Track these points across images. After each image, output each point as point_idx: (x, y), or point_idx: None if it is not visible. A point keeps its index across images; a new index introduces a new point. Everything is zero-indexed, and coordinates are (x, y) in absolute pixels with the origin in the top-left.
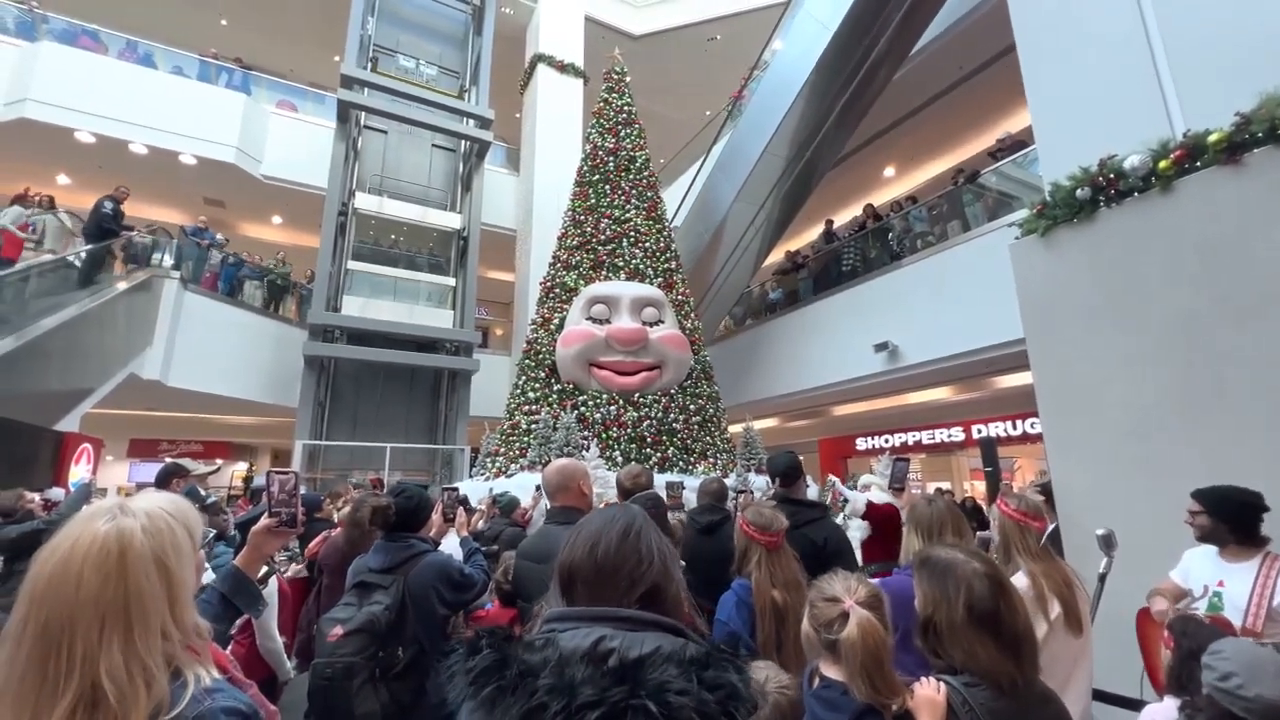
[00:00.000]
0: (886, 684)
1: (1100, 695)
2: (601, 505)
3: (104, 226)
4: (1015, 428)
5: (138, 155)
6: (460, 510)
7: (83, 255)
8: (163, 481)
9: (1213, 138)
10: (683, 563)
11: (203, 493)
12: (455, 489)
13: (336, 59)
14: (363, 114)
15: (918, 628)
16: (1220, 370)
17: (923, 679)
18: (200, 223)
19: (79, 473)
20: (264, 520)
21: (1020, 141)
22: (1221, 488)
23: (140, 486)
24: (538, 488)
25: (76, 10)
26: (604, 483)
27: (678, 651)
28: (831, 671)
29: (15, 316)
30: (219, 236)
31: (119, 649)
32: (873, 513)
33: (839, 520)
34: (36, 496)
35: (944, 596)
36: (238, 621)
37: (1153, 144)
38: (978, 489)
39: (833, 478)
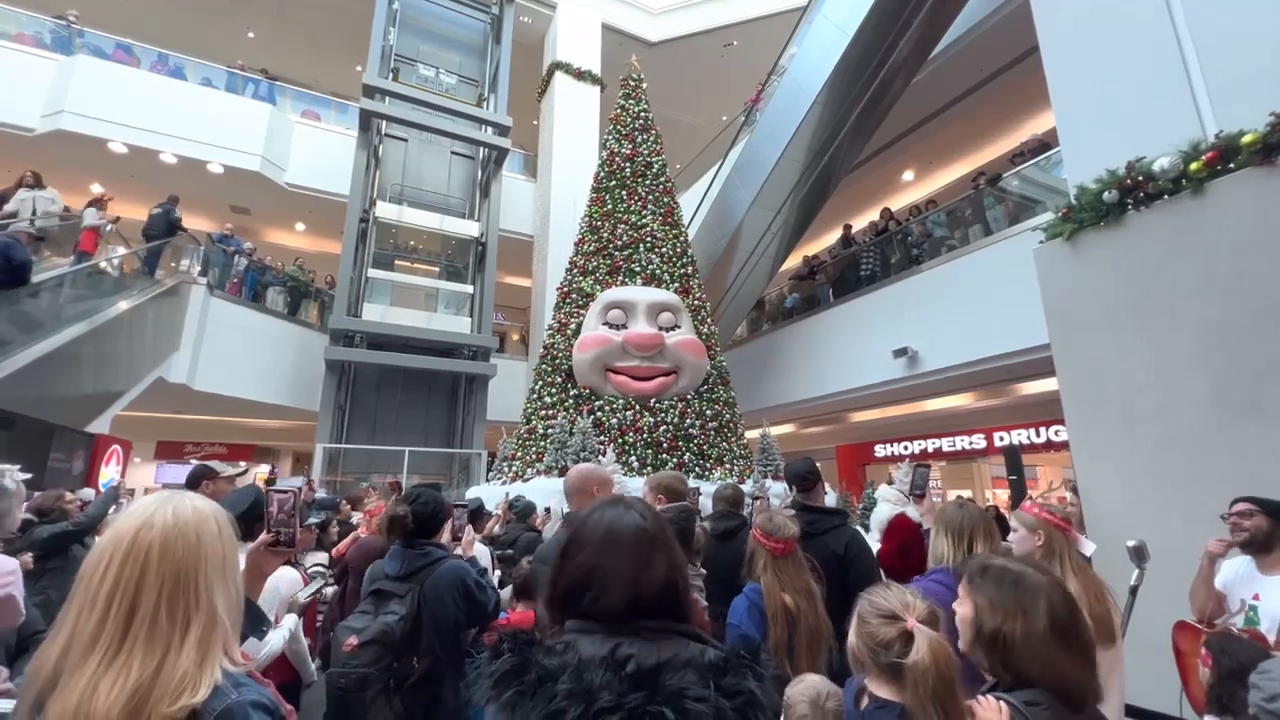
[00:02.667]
0: (958, 710)
1: (1132, 711)
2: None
3: (175, 226)
4: (1039, 435)
5: (167, 164)
6: (469, 529)
7: (124, 256)
8: (193, 483)
9: (1246, 139)
10: (703, 570)
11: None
12: (465, 506)
13: (359, 69)
14: (384, 122)
15: (983, 639)
16: (1257, 380)
17: (981, 699)
18: (226, 230)
19: (109, 474)
20: (262, 537)
21: (1043, 144)
22: (1276, 500)
23: (167, 487)
24: (547, 510)
25: (111, 25)
26: (621, 488)
27: (696, 657)
28: (884, 691)
29: (51, 321)
30: (246, 244)
31: (221, 591)
32: (894, 532)
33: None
34: (76, 499)
35: (1019, 607)
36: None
37: (1183, 145)
38: (999, 497)
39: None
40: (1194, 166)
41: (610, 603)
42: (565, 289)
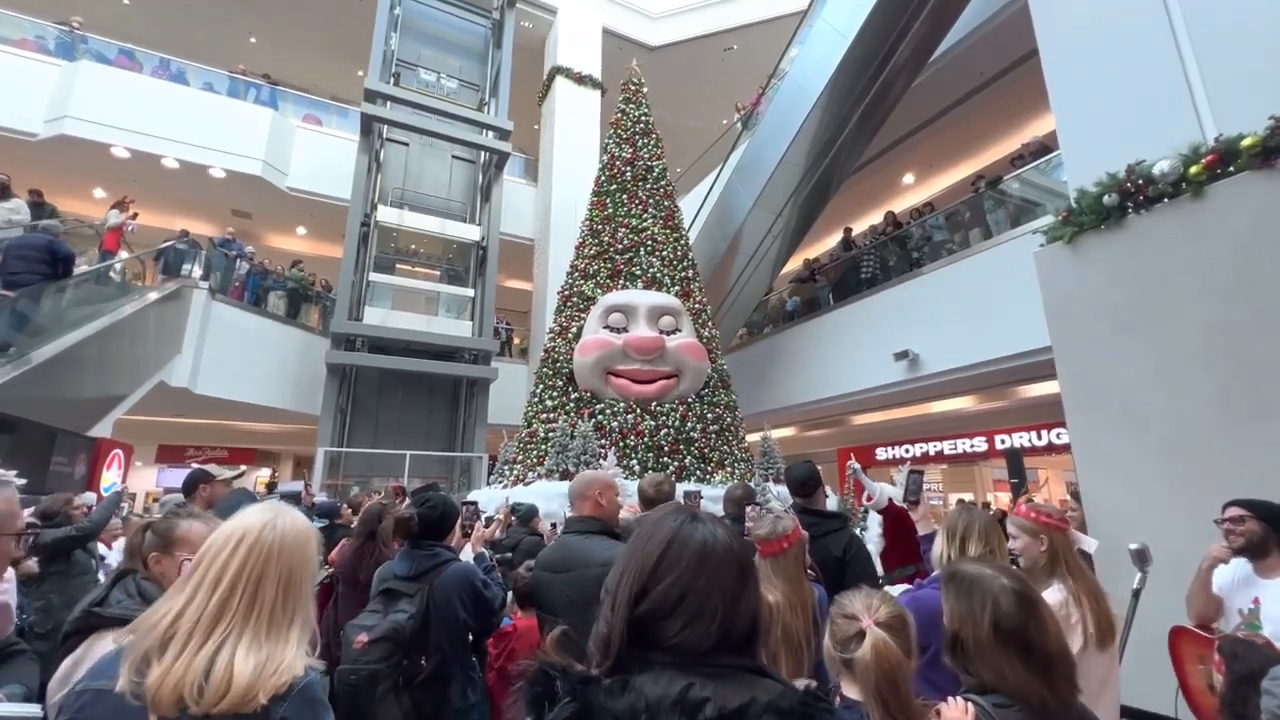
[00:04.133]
0: (901, 707)
1: (1131, 713)
2: (625, 509)
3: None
4: (1040, 438)
5: (169, 169)
6: (478, 524)
7: (129, 259)
8: (190, 487)
9: (1246, 142)
10: None
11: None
12: (474, 503)
13: (360, 73)
14: (385, 127)
15: (945, 644)
16: (1259, 382)
17: (949, 700)
18: (228, 234)
19: (110, 478)
20: None
21: (1043, 147)
22: (1267, 501)
23: (168, 491)
24: (553, 525)
25: (113, 30)
26: (623, 491)
27: (775, 700)
28: (852, 691)
29: (54, 324)
30: (248, 249)
31: (310, 597)
32: (892, 511)
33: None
34: (81, 503)
35: (969, 613)
36: None
37: (1183, 148)
38: (1001, 500)
39: (854, 464)
40: (1194, 170)
41: (700, 634)
42: (566, 292)
